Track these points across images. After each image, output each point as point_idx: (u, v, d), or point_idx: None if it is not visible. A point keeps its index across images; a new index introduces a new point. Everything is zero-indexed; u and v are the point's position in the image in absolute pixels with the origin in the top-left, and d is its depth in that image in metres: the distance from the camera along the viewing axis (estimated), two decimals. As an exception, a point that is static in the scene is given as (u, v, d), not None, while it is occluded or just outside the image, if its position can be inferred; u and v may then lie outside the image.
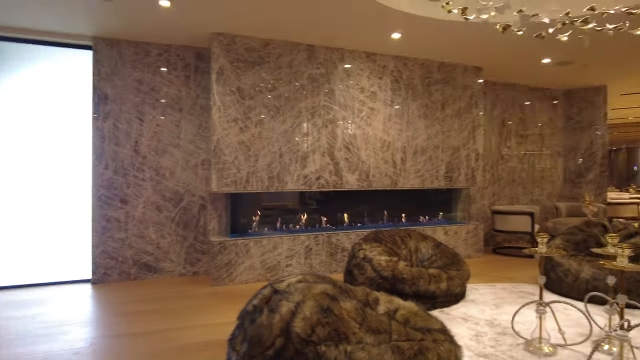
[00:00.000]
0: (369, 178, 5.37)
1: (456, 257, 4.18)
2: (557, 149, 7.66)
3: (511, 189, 7.18)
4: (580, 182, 7.58)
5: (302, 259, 4.93)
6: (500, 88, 7.07)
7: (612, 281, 2.75)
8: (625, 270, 2.28)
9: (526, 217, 5.96)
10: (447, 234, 5.78)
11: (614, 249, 2.45)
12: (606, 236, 4.18)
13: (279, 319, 1.93)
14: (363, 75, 5.36)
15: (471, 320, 3.38)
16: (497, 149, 7.04)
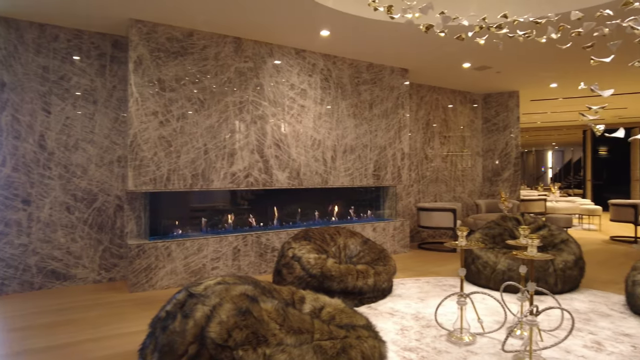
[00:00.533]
0: (299, 176, 5.29)
1: (383, 252, 4.24)
2: (476, 150, 8.15)
3: (435, 187, 7.50)
4: (497, 180, 8.13)
5: (230, 260, 4.73)
6: (425, 90, 7.36)
7: (523, 270, 2.91)
8: (534, 259, 2.41)
9: (449, 213, 6.25)
10: (376, 230, 5.88)
11: (525, 240, 2.59)
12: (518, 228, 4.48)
13: (192, 325, 1.77)
14: (293, 72, 5.28)
15: (397, 315, 3.42)
16: (422, 149, 7.32)
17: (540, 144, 23.33)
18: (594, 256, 5.85)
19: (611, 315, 3.35)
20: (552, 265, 3.89)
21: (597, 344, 2.79)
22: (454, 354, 2.64)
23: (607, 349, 2.70)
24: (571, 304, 3.65)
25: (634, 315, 3.33)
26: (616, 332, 2.99)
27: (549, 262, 3.90)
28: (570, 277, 3.94)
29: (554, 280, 3.88)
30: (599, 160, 15.71)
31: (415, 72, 6.54)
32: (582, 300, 3.75)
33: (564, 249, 4.08)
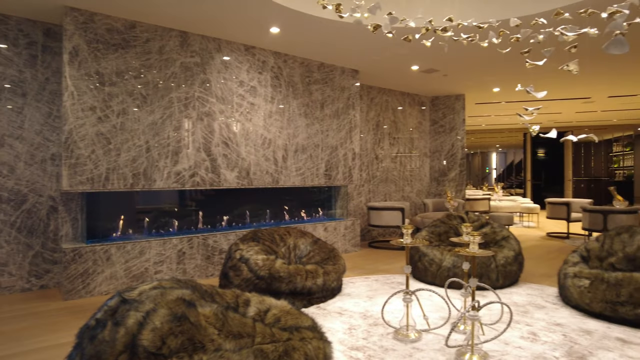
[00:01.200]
0: (249, 176, 5.18)
1: (333, 252, 4.23)
2: (424, 151, 8.38)
3: (385, 186, 7.63)
4: (444, 180, 8.40)
5: (174, 264, 4.53)
6: (376, 92, 7.47)
7: (467, 267, 2.99)
8: (476, 256, 2.47)
9: (397, 212, 6.37)
10: (327, 230, 5.88)
11: (467, 238, 2.65)
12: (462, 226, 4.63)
13: (123, 333, 1.65)
14: (242, 69, 5.16)
15: (346, 314, 3.41)
16: (372, 150, 7.42)
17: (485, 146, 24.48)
18: (532, 252, 6.18)
19: (545, 307, 3.53)
20: (494, 262, 4.05)
21: (533, 334, 2.92)
22: (400, 351, 2.67)
23: (542, 339, 2.83)
24: (511, 298, 3.81)
25: (566, 306, 3.53)
26: (549, 323, 3.15)
27: (491, 258, 4.05)
28: (511, 273, 4.12)
29: (495, 275, 4.04)
30: (538, 162, 16.72)
31: (366, 74, 6.61)
32: (521, 294, 3.93)
33: (505, 245, 4.26)
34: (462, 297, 3.00)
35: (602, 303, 3.16)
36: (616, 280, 3.13)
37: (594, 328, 3.04)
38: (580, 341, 2.80)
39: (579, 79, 7.36)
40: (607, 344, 2.76)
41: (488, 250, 2.57)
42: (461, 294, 3.01)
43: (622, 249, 3.56)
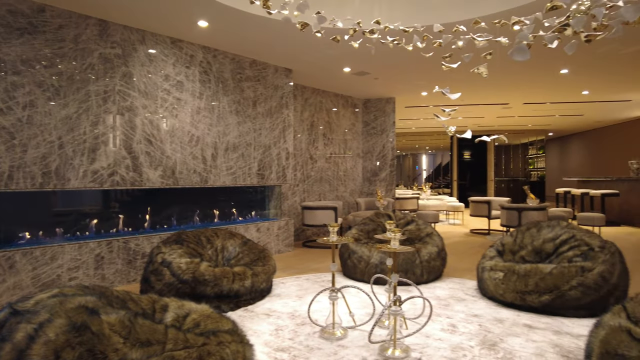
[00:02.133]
0: (175, 175, 4.94)
1: (263, 252, 4.15)
2: (357, 152, 8.55)
3: (319, 186, 7.67)
4: (375, 180, 8.63)
5: (92, 269, 4.20)
6: (310, 92, 7.49)
7: (390, 263, 3.06)
8: (397, 252, 2.53)
9: (330, 211, 6.43)
10: (260, 230, 5.78)
11: (389, 235, 2.71)
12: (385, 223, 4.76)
13: (10, 349, 1.47)
14: (168, 62, 4.91)
15: (274, 315, 3.36)
16: (307, 150, 7.43)
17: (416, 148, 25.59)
18: (456, 247, 6.52)
19: (465, 299, 3.72)
20: (418, 257, 4.20)
21: (452, 326, 3.06)
22: (326, 349, 2.66)
23: (460, 330, 2.97)
24: (434, 292, 3.97)
25: (483, 298, 3.75)
26: (468, 314, 3.32)
27: (416, 254, 4.20)
28: (434, 268, 4.30)
29: (420, 271, 4.19)
30: (464, 163, 17.77)
31: (300, 73, 6.60)
32: (444, 288, 4.11)
33: (429, 241, 4.44)
34: (387, 293, 3.07)
35: (513, 293, 3.39)
36: (525, 271, 3.37)
37: (506, 317, 3.25)
38: (493, 329, 2.98)
39: (498, 86, 7.91)
40: (516, 330, 2.96)
41: (409, 247, 2.64)
42: (385, 290, 3.08)
43: (531, 243, 3.86)
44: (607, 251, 3.39)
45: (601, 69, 6.67)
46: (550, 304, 3.23)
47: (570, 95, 8.85)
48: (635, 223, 9.08)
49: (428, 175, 27.45)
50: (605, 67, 6.55)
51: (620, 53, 5.77)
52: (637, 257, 5.73)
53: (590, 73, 6.91)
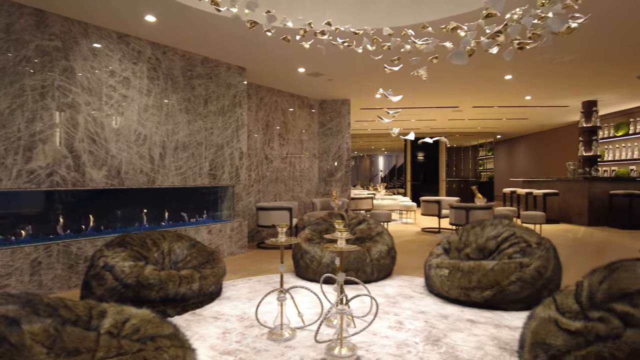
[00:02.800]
0: (120, 175, 4.74)
1: (213, 255, 4.06)
2: (313, 152, 8.57)
3: (275, 187, 7.62)
4: (331, 180, 8.69)
5: (27, 276, 3.94)
6: (265, 92, 7.43)
7: (338, 262, 3.08)
8: (343, 250, 2.56)
9: (285, 212, 6.40)
10: (212, 232, 5.66)
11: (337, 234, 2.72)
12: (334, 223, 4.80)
13: None
14: (114, 58, 4.71)
15: (222, 318, 3.29)
16: (262, 150, 7.36)
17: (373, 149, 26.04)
18: (407, 246, 6.68)
19: (413, 297, 3.81)
20: (369, 256, 4.27)
21: (399, 323, 3.13)
22: (273, 351, 2.64)
23: (406, 327, 3.04)
24: (384, 290, 4.04)
25: (430, 295, 3.86)
26: (415, 311, 3.40)
27: (366, 253, 4.27)
28: (384, 266, 4.38)
29: (370, 269, 4.26)
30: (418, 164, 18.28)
31: (254, 73, 6.53)
32: (393, 286, 4.19)
33: (379, 240, 4.52)
34: (335, 292, 3.08)
35: (458, 289, 3.52)
36: (468, 268, 3.50)
37: (450, 312, 3.36)
38: (438, 325, 3.07)
39: (449, 90, 8.20)
40: (459, 325, 3.07)
41: (356, 246, 2.67)
42: (334, 289, 3.09)
43: (475, 241, 4.02)
44: (543, 247, 3.58)
45: (541, 76, 7.07)
46: (491, 299, 3.37)
47: (515, 100, 9.32)
48: (572, 220, 9.70)
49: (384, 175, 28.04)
50: (544, 75, 6.94)
51: (555, 62, 6.14)
52: (572, 251, 6.11)
53: (532, 80, 7.31)
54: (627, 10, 4.32)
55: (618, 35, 5.09)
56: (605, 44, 5.40)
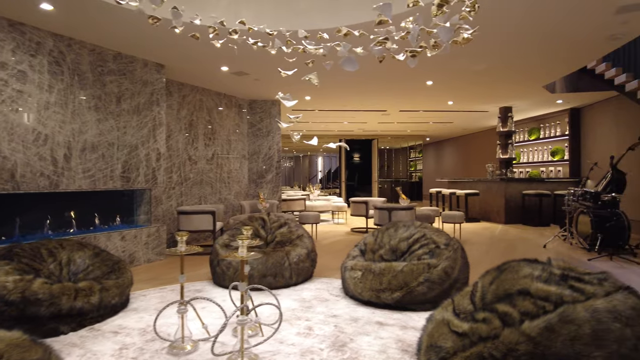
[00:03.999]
0: (15, 178, 4.28)
1: (118, 264, 3.79)
2: (243, 153, 8.39)
3: (200, 189, 7.35)
4: (262, 182, 8.55)
5: None
6: (189, 90, 7.13)
7: (247, 270, 2.99)
8: (244, 259, 2.47)
9: (208, 216, 6.18)
10: (125, 239, 5.31)
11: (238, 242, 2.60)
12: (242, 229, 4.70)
13: None
14: (6, 48, 4.24)
15: (123, 333, 3.07)
16: (185, 150, 7.06)
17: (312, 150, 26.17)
18: (334, 246, 6.72)
19: (329, 300, 3.81)
20: (287, 260, 4.21)
21: (309, 329, 3.09)
22: (170, 367, 2.49)
23: (315, 333, 3.01)
24: (301, 294, 4.00)
25: (346, 297, 3.88)
26: (327, 315, 3.39)
27: (285, 257, 4.21)
28: (304, 269, 4.35)
29: (289, 273, 4.20)
30: (354, 165, 18.63)
31: (175, 70, 6.24)
32: (311, 289, 4.17)
33: (299, 244, 4.48)
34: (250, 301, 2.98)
35: (370, 291, 3.56)
36: (380, 270, 3.56)
37: (361, 315, 3.39)
38: (347, 329, 3.07)
39: (376, 94, 8.38)
40: (367, 328, 3.09)
41: (258, 253, 2.60)
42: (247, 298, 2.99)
43: (389, 242, 4.11)
44: (451, 248, 3.73)
45: (459, 83, 7.44)
46: (401, 300, 3.45)
47: (439, 105, 9.76)
48: (491, 219, 10.34)
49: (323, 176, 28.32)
50: (462, 82, 7.32)
51: (470, 70, 6.48)
52: (488, 248, 6.49)
53: (451, 86, 7.68)
54: (529, 25, 4.64)
55: (524, 49, 5.46)
56: (512, 55, 5.78)
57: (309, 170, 29.72)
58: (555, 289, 2.05)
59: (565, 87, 8.26)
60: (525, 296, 2.10)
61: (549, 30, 4.81)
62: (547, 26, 4.69)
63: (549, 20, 4.53)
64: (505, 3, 4.10)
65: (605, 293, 1.99)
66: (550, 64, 6.20)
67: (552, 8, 4.19)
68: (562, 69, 6.54)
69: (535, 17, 4.42)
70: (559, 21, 4.54)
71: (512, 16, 4.40)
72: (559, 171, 10.64)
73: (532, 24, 4.62)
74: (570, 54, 5.73)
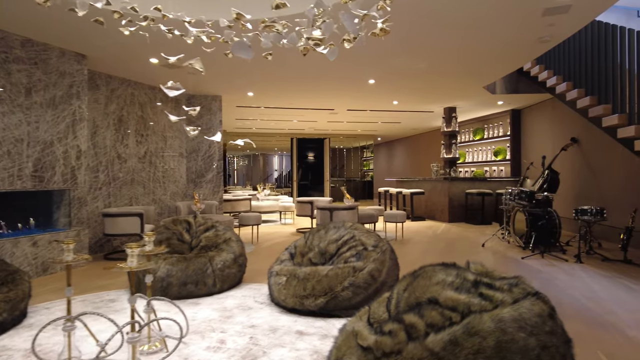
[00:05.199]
0: None
1: (14, 275, 3.37)
2: (180, 150, 7.96)
3: (131, 189, 6.87)
4: (201, 182, 8.16)
5: None
6: (118, 83, 6.64)
7: (149, 280, 2.70)
8: (133, 270, 2.19)
9: (135, 218, 5.76)
10: (38, 244, 4.81)
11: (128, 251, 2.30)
12: (188, 231, 4.39)
13: None
14: None
15: (3, 356, 2.68)
16: (113, 148, 6.56)
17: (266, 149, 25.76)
18: (275, 248, 6.48)
19: (252, 308, 3.57)
20: (211, 266, 3.93)
21: (221, 342, 2.84)
22: (45, 396, 2.16)
23: (227, 346, 2.77)
24: (224, 303, 3.74)
25: (271, 305, 3.65)
26: (245, 326, 3.15)
27: (207, 263, 3.92)
28: (230, 276, 4.08)
29: (212, 280, 3.93)
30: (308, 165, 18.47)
31: (99, 61, 5.76)
32: (236, 297, 3.91)
33: (225, 248, 4.21)
34: (146, 314, 2.70)
35: (293, 298, 3.35)
36: (304, 275, 3.36)
37: (282, 324, 3.18)
38: (262, 341, 2.85)
39: (321, 92, 8.20)
40: (285, 339, 2.88)
41: (146, 263, 2.32)
42: (144, 311, 2.70)
43: (318, 245, 3.93)
44: (379, 249, 3.60)
45: (401, 82, 7.41)
46: (325, 306, 3.27)
47: (385, 105, 9.75)
48: (436, 217, 10.48)
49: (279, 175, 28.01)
50: (404, 81, 7.28)
51: (413, 69, 6.45)
52: (427, 247, 6.48)
53: (394, 85, 7.63)
54: (464, 25, 4.61)
55: (462, 49, 5.46)
56: (452, 55, 5.78)
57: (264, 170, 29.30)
58: (465, 298, 1.93)
59: (505, 89, 8.47)
60: (434, 306, 1.96)
61: (483, 30, 4.81)
62: (481, 26, 4.69)
63: (483, 21, 4.52)
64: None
65: (512, 300, 1.89)
66: (487, 64, 6.27)
67: (484, 7, 4.17)
68: (499, 70, 6.64)
69: (468, 16, 4.39)
70: (492, 21, 4.55)
71: (447, 13, 4.34)
72: (501, 170, 10.95)
73: (466, 23, 4.60)
74: (505, 55, 5.80)
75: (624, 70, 4.93)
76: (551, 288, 4.18)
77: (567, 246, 6.43)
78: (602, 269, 4.99)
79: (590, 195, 7.41)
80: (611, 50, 5.01)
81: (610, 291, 4.08)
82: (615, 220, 6.60)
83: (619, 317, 3.37)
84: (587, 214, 5.59)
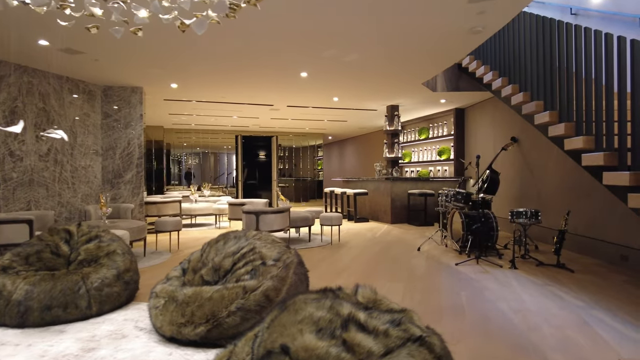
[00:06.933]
0: None
1: None
2: (94, 148, 7.14)
3: (29, 192, 6.02)
4: (119, 182, 7.38)
5: None
6: (10, 69, 5.78)
7: None
8: None
9: (23, 225, 4.95)
10: None
11: None
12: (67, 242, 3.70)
13: None
14: None
15: None
16: (4, 144, 5.70)
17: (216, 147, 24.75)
18: (193, 258, 5.84)
19: (126, 337, 2.97)
20: (84, 285, 3.29)
21: (58, 391, 2.24)
22: None
23: (62, 397, 2.17)
24: (97, 329, 3.11)
25: (151, 332, 3.06)
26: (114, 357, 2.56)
27: (80, 281, 3.28)
28: (111, 296, 3.45)
29: (86, 302, 3.29)
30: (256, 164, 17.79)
31: (-23, 41, 4.92)
32: (116, 321, 3.29)
33: (105, 263, 3.56)
34: None
35: (170, 325, 2.79)
36: (184, 298, 2.81)
37: (153, 358, 2.61)
38: (113, 387, 2.27)
39: (253, 86, 7.62)
40: (143, 383, 2.32)
41: None
42: None
43: (213, 259, 3.37)
44: (281, 263, 3.10)
45: (337, 76, 6.97)
46: (207, 335, 2.73)
47: (325, 101, 9.31)
48: (379, 218, 10.17)
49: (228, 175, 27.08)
50: (339, 75, 6.84)
51: (343, 61, 6.01)
52: (360, 252, 6.06)
53: (330, 79, 7.18)
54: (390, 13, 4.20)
55: (391, 40, 5.08)
56: (382, 48, 5.39)
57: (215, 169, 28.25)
58: (322, 346, 1.45)
59: (447, 86, 8.24)
60: (284, 358, 1.48)
61: (411, 19, 4.43)
62: (408, 15, 4.30)
63: (406, 5, 4.12)
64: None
65: (384, 350, 1.43)
66: (420, 58, 5.94)
67: (405, -9, 3.77)
68: (434, 65, 6.34)
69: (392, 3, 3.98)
70: (418, 9, 4.17)
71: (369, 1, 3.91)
72: (445, 170, 10.82)
73: (392, 11, 4.19)
74: (438, 48, 5.49)
75: (555, 66, 4.72)
76: (480, 300, 3.85)
77: (504, 249, 6.23)
78: (535, 275, 4.76)
79: (530, 196, 7.30)
80: (549, 45, 4.79)
81: (539, 302, 3.80)
82: (552, 221, 6.49)
83: (543, 334, 3.05)
84: (522, 216, 5.37)
